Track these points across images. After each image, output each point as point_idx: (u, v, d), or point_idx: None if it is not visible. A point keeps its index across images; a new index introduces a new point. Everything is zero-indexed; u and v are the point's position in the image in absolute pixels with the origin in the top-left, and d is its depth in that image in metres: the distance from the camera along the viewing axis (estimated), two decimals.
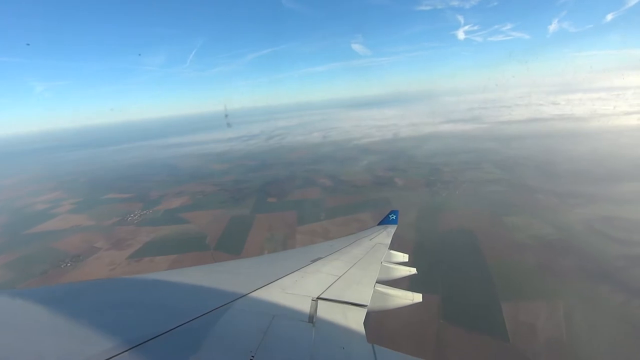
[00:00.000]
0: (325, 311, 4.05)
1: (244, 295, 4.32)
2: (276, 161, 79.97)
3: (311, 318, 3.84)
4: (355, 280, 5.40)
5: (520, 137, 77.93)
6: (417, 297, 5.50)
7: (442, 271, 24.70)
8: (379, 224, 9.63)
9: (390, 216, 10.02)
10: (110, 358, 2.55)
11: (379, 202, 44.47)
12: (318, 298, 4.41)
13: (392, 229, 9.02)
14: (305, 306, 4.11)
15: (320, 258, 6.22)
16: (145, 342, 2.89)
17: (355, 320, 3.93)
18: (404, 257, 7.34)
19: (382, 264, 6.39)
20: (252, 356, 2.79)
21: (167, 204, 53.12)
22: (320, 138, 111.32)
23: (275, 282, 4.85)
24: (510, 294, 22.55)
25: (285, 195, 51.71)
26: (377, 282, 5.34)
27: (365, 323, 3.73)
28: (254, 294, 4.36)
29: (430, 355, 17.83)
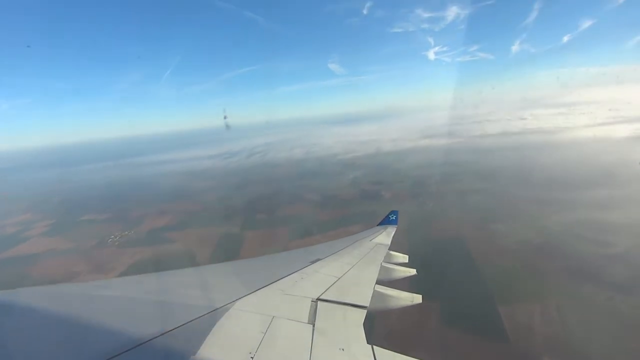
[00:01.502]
0: (325, 312, 4.11)
1: (243, 296, 4.34)
2: (261, 177, 78.94)
3: (311, 319, 3.86)
4: (355, 281, 5.46)
5: (494, 149, 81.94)
6: (417, 299, 5.60)
7: (437, 276, 25.20)
8: (379, 224, 9.65)
9: (390, 217, 9.96)
10: (111, 358, 2.60)
11: (368, 214, 44.74)
12: (318, 299, 4.42)
13: (391, 230, 9.06)
14: (305, 307, 4.17)
15: (319, 259, 6.25)
16: (145, 342, 2.93)
17: (354, 321, 3.93)
18: (404, 258, 7.41)
19: (382, 264, 6.44)
20: (252, 357, 2.92)
21: (150, 224, 50.69)
22: (303, 154, 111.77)
23: (275, 283, 4.88)
24: (504, 296, 23.38)
25: (274, 212, 50.88)
26: (376, 283, 5.42)
27: (364, 324, 3.75)
28: (254, 295, 4.40)
29: (430, 356, 17.91)
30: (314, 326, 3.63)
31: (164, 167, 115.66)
